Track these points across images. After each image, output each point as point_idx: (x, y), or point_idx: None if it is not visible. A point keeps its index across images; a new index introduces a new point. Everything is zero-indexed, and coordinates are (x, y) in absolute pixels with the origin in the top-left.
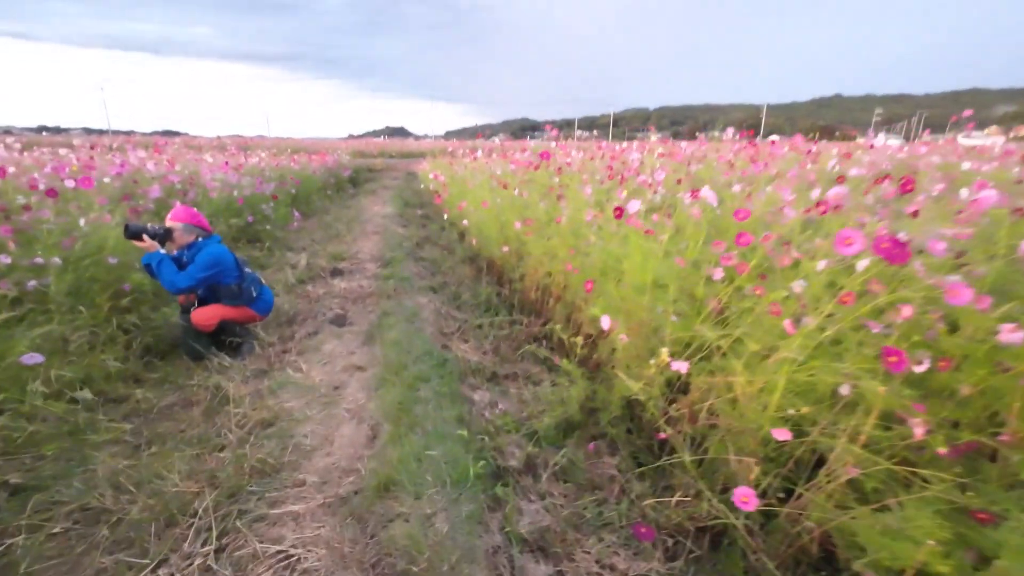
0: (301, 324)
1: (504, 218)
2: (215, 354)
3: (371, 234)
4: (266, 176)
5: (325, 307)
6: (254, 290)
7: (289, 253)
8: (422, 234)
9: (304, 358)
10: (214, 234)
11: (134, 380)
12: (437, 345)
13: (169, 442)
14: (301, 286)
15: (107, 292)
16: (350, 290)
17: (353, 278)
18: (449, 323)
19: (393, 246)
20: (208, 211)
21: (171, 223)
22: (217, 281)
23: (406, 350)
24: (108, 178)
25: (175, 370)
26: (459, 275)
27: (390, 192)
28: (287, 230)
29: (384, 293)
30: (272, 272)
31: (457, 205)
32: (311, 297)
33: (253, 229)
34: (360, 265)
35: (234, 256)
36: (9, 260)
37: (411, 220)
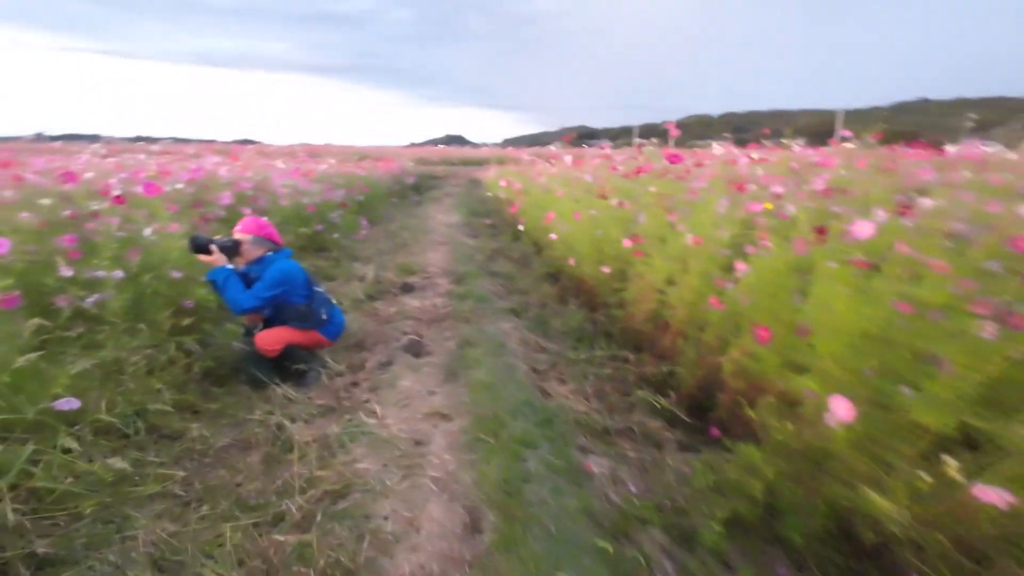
0: (372, 350)
1: (605, 233)
2: (277, 384)
3: (439, 245)
4: (335, 183)
5: (397, 330)
6: (324, 312)
7: (356, 264)
8: (492, 246)
9: (377, 397)
10: (284, 248)
11: (191, 411)
12: (533, 389)
13: (222, 501)
14: (370, 303)
15: (168, 309)
16: (423, 310)
17: (425, 295)
18: (540, 356)
19: (463, 259)
20: (278, 219)
21: (239, 235)
22: (285, 301)
23: (498, 395)
24: (181, 184)
25: (235, 401)
26: (541, 295)
27: (453, 200)
28: (354, 239)
29: (461, 316)
30: (339, 285)
31: (544, 216)
32: (381, 317)
33: (321, 238)
34: (431, 280)
35: (305, 273)
36: (71, 272)
37: (479, 230)
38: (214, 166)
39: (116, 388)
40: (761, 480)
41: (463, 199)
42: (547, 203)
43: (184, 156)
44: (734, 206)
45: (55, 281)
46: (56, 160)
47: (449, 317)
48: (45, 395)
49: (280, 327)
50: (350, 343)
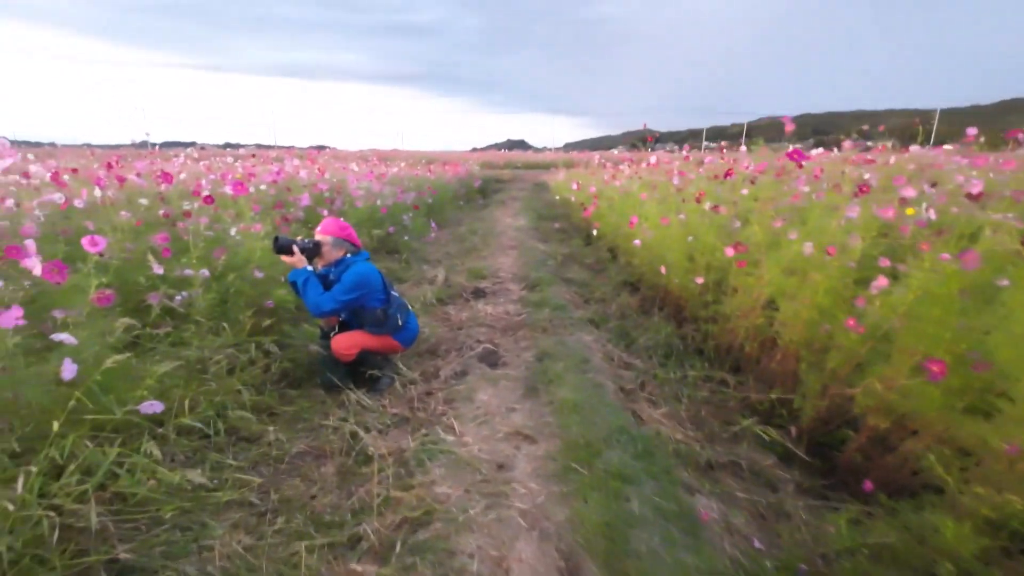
0: (445, 357)
1: (697, 239)
2: (352, 389)
3: (508, 249)
4: (405, 186)
5: (471, 337)
6: (399, 318)
7: (425, 266)
8: (564, 251)
9: (454, 410)
10: (363, 250)
11: (268, 414)
12: (625, 412)
13: (297, 514)
14: (441, 306)
15: (250, 309)
16: (496, 317)
17: (497, 301)
18: (626, 374)
19: (535, 264)
20: (353, 221)
21: (320, 236)
22: (361, 305)
23: (587, 418)
24: (264, 185)
25: (310, 405)
26: (621, 305)
27: (519, 203)
28: (423, 241)
29: (538, 325)
30: (410, 287)
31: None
32: (453, 322)
33: (392, 240)
34: (502, 286)
35: (382, 277)
36: (162, 270)
37: (548, 234)
38: (294, 169)
39: (199, 388)
40: (951, 560)
41: (529, 202)
42: (627, 207)
43: (267, 160)
44: (864, 211)
45: (146, 279)
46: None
47: (524, 326)
48: (133, 395)
49: (355, 331)
50: (422, 349)
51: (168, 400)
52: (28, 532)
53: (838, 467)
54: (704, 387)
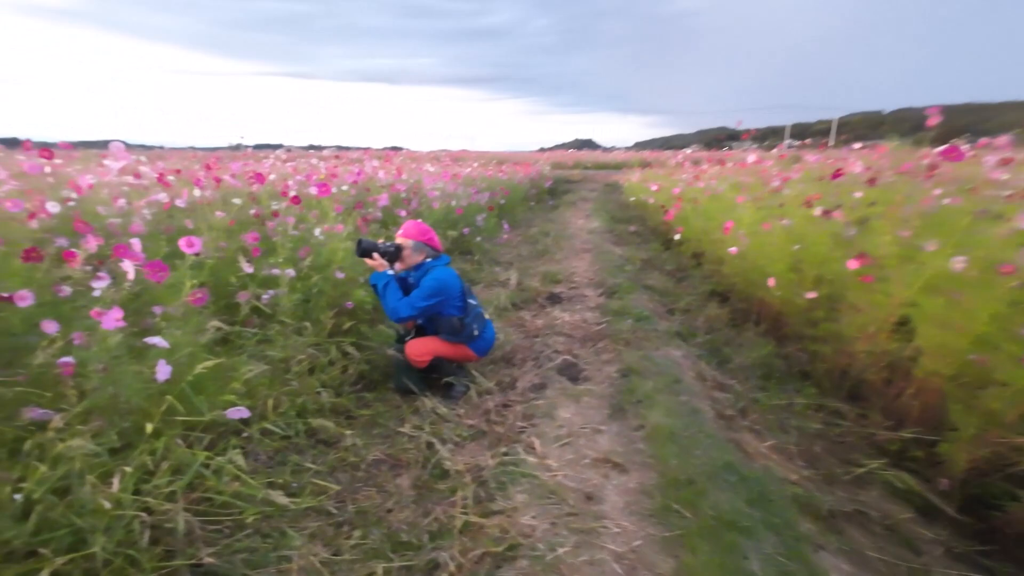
0: (522, 367)
1: (805, 248)
2: (426, 395)
3: (581, 252)
4: (479, 186)
5: (548, 347)
6: (476, 327)
7: (497, 268)
8: (641, 255)
9: (534, 427)
10: (443, 254)
11: (346, 416)
12: (730, 446)
13: (374, 529)
14: (515, 311)
15: (331, 309)
16: (574, 325)
17: (574, 308)
18: (722, 396)
19: (612, 269)
20: (430, 222)
21: (401, 240)
22: (438, 312)
23: (686, 450)
24: (346, 186)
25: (386, 410)
26: (709, 317)
27: (591, 204)
28: (496, 243)
29: (619, 336)
30: (482, 290)
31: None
32: (529, 329)
33: (465, 241)
34: (578, 291)
35: (461, 284)
36: (252, 269)
37: (623, 237)
38: (373, 170)
39: (282, 388)
40: None
41: (601, 203)
42: (716, 210)
43: (348, 160)
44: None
45: (236, 278)
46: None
47: (604, 336)
48: (221, 399)
49: (430, 337)
50: (497, 356)
51: (254, 400)
52: (121, 532)
53: (1000, 531)
54: (815, 418)
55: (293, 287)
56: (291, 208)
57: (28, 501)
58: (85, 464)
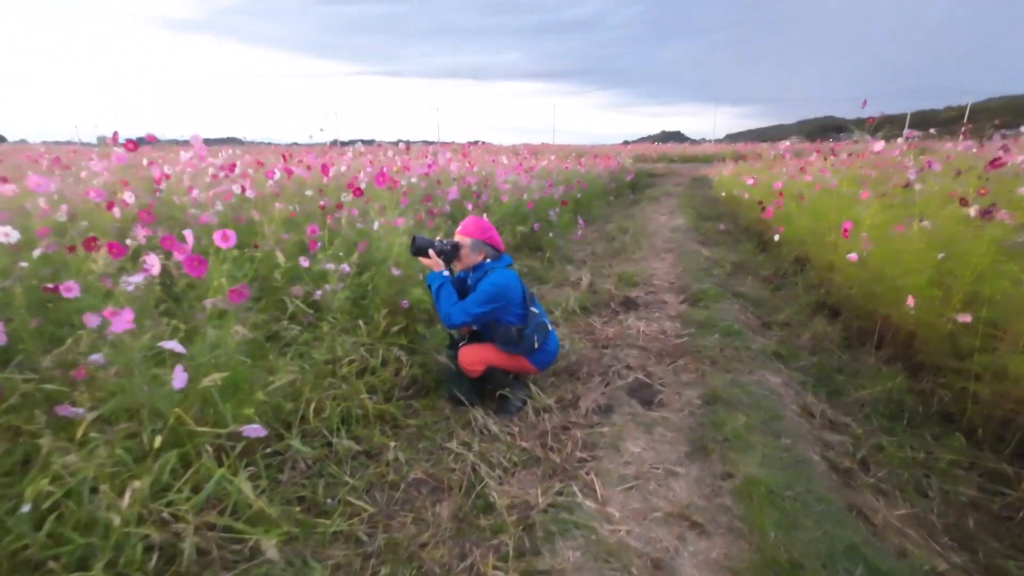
0: (587, 383)
1: (962, 259)
2: (478, 406)
3: (663, 252)
4: (554, 179)
5: (618, 360)
6: (536, 338)
7: (569, 267)
8: (732, 258)
9: (595, 460)
10: (505, 255)
11: (392, 426)
12: (850, 515)
13: (404, 568)
14: (584, 316)
15: (385, 308)
16: (650, 337)
17: (651, 316)
18: (835, 439)
19: (696, 273)
20: (498, 216)
21: (459, 238)
22: (496, 319)
23: (790, 517)
24: (415, 178)
25: (434, 420)
26: (815, 335)
27: (675, 199)
28: (569, 239)
29: (704, 353)
30: (550, 290)
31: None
32: (598, 339)
33: (536, 237)
34: (657, 296)
35: (523, 289)
36: (307, 263)
37: (711, 237)
38: (446, 162)
39: (326, 390)
40: None
41: (687, 199)
42: (827, 207)
43: (424, 153)
44: None
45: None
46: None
47: (686, 352)
48: (242, 412)
49: (485, 344)
50: (560, 367)
51: (296, 403)
52: (131, 550)
53: None
54: (966, 479)
55: (349, 283)
56: (356, 201)
57: (38, 509)
58: (100, 474)
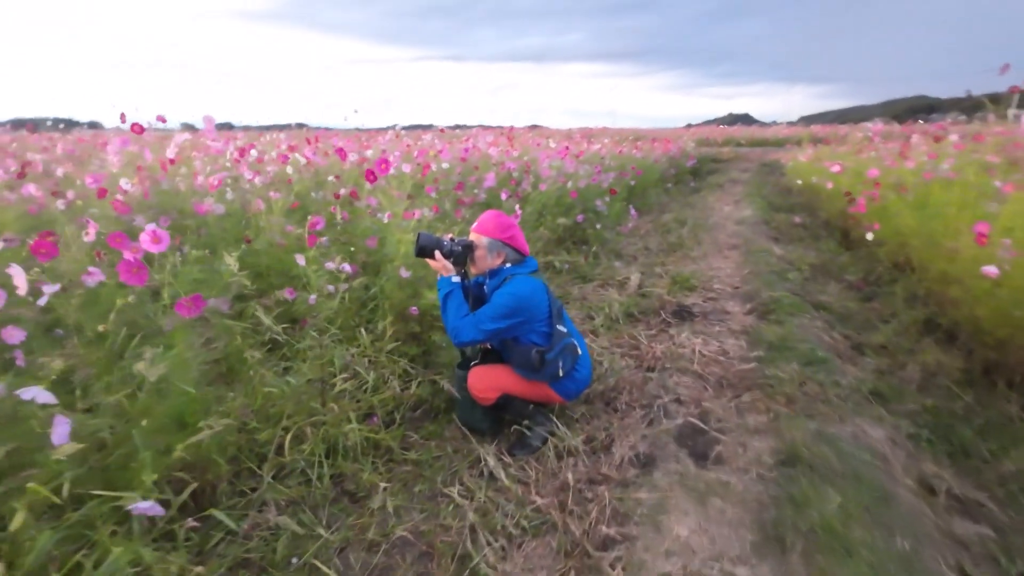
0: (626, 418)
1: None
2: (488, 441)
3: (726, 249)
4: (605, 165)
5: (667, 390)
6: (563, 365)
7: (617, 263)
8: (811, 258)
9: (626, 540)
10: (530, 258)
11: (387, 459)
12: None
13: None
14: (629, 325)
15: (394, 313)
16: (709, 359)
17: (710, 330)
18: (970, 532)
19: (767, 276)
20: (535, 207)
21: (474, 236)
22: (515, 336)
23: None
24: (446, 163)
25: (437, 455)
26: (925, 367)
27: (742, 187)
28: (619, 231)
29: (779, 389)
30: (593, 289)
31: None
32: (644, 357)
33: (581, 229)
34: (718, 305)
35: (549, 301)
36: (303, 262)
37: (784, 231)
38: (486, 145)
39: (311, 415)
40: None
41: (755, 187)
42: (942, 202)
43: (467, 137)
44: None
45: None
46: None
47: (753, 384)
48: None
49: (501, 366)
50: (595, 390)
51: (271, 430)
52: None
53: None
54: None
55: (351, 284)
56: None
57: None
58: None
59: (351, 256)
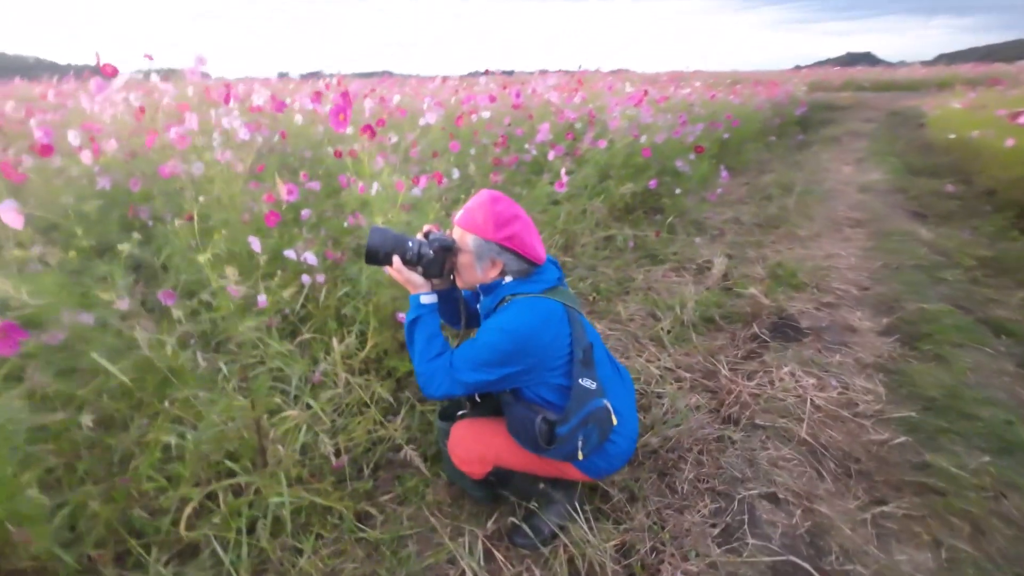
0: (683, 514)
1: None
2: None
3: (846, 226)
4: (693, 114)
5: (755, 466)
6: (585, 442)
7: (698, 240)
8: (975, 247)
9: None
10: (547, 266)
11: (334, 537)
12: None
13: None
14: (704, 337)
15: (377, 318)
16: (826, 413)
17: (827, 358)
18: None
19: (911, 274)
20: (593, 168)
21: (457, 232)
22: (516, 389)
23: None
24: (487, 112)
25: (412, 527)
26: None
27: (866, 142)
28: (703, 198)
29: (954, 499)
30: (663, 274)
31: None
32: (722, 397)
33: (654, 196)
34: (838, 316)
35: (571, 338)
36: (259, 247)
37: (929, 204)
38: (547, 90)
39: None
40: None
41: (884, 141)
42: None
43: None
44: None
45: None
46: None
47: (905, 480)
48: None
49: (495, 426)
50: (643, 446)
51: (166, 495)
52: None
53: None
54: None
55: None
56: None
57: None
58: None
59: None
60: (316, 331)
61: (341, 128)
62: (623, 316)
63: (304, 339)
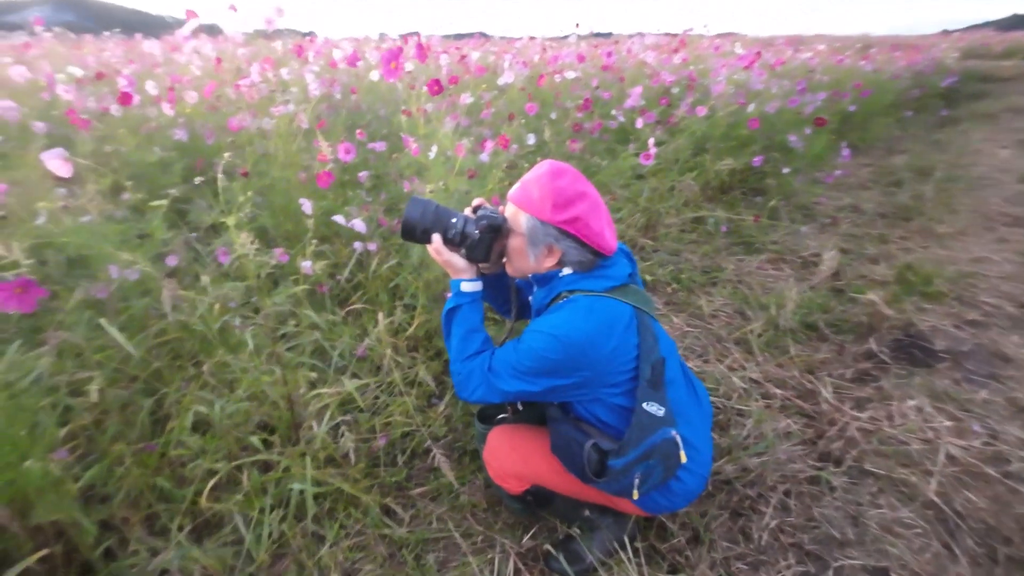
0: (758, 574)
1: None
2: (525, 521)
3: (1000, 223)
4: (813, 81)
5: (860, 531)
6: (643, 480)
7: (804, 229)
8: None
9: None
10: (616, 259)
11: (360, 527)
12: None
13: None
14: (801, 352)
15: (426, 295)
16: (965, 473)
17: (969, 399)
18: None
19: None
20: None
21: (510, 210)
22: (565, 403)
23: None
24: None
25: (440, 531)
26: None
27: None
28: (816, 179)
29: None
30: (758, 265)
31: None
32: (821, 429)
33: (757, 175)
34: (987, 338)
35: (639, 350)
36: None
37: None
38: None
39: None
40: None
41: None
42: None
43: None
44: None
45: None
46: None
47: None
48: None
49: (538, 437)
50: (717, 479)
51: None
52: None
53: None
54: None
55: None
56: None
57: None
58: None
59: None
60: (367, 301)
61: (392, 77)
62: (705, 311)
63: (354, 308)
